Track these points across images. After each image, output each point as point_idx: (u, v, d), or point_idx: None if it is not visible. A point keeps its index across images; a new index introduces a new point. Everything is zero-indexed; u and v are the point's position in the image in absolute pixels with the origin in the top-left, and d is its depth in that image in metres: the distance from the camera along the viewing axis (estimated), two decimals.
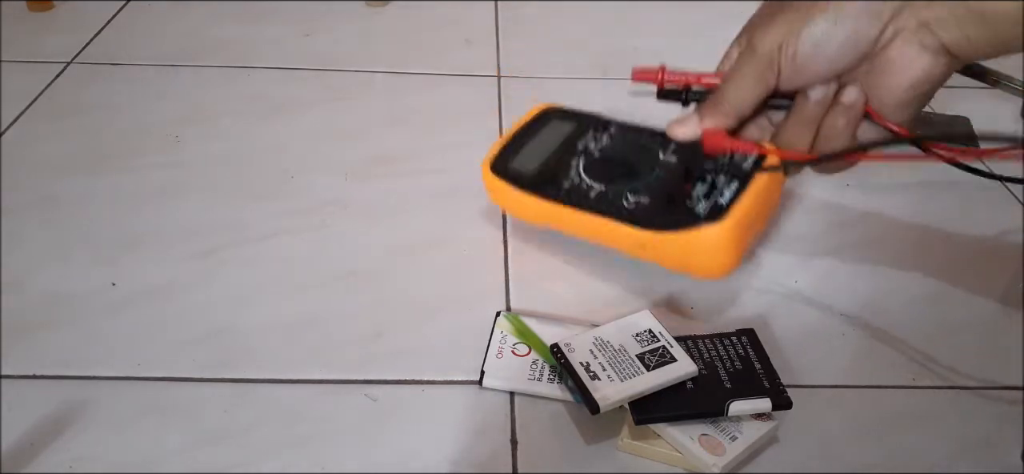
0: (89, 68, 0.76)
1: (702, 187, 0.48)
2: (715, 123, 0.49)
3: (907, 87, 0.44)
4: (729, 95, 0.48)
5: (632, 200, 0.49)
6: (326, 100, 0.73)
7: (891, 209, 0.62)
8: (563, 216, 0.51)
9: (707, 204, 0.47)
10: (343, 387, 0.46)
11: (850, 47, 0.44)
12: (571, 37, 0.86)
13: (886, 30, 0.43)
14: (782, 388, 0.43)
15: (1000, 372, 0.48)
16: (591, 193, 0.51)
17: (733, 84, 0.48)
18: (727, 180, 0.48)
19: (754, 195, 0.47)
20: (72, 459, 0.41)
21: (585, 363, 0.43)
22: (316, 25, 0.85)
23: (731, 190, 0.47)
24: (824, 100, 0.46)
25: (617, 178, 0.51)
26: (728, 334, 0.47)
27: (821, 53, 0.44)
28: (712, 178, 0.49)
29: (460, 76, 0.78)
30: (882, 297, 0.53)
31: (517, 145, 0.56)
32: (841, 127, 0.46)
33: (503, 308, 0.51)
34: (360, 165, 0.64)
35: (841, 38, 0.44)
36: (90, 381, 0.45)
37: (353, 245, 0.56)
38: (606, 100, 0.75)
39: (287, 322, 0.50)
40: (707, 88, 0.51)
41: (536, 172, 0.53)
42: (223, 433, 0.43)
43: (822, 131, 0.47)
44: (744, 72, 0.47)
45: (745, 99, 0.48)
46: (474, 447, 0.43)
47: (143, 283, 0.52)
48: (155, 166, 0.63)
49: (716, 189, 0.48)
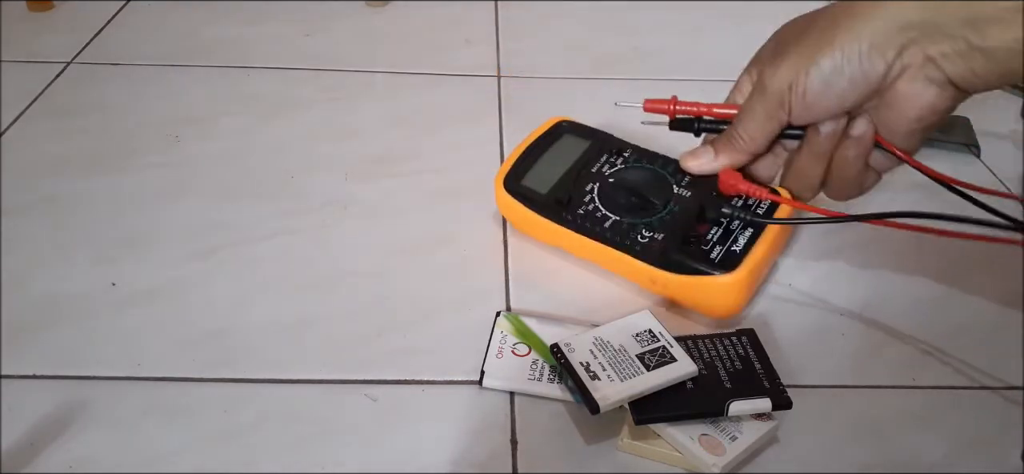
0: (89, 68, 0.76)
1: (716, 231, 0.50)
2: (730, 160, 0.51)
3: (914, 119, 0.45)
4: (742, 133, 0.50)
5: (647, 235, 0.51)
6: (326, 100, 0.73)
7: (890, 209, 0.62)
8: (575, 242, 0.53)
9: (721, 250, 0.48)
10: (343, 387, 0.46)
11: (859, 84, 0.45)
12: (571, 37, 0.86)
13: (893, 66, 0.44)
14: (782, 388, 0.43)
15: (1000, 372, 0.48)
16: (606, 223, 0.52)
17: (745, 122, 0.49)
18: (741, 226, 0.50)
19: (767, 244, 0.49)
20: (72, 459, 0.41)
21: (585, 363, 0.43)
22: (316, 25, 0.85)
23: (745, 237, 0.49)
24: (834, 134, 0.48)
25: (632, 209, 0.52)
26: (728, 334, 0.47)
27: (830, 91, 0.45)
28: (726, 223, 0.50)
29: (460, 76, 0.78)
30: (882, 297, 0.53)
31: (530, 160, 0.57)
32: (852, 158, 0.48)
33: (503, 308, 0.51)
34: (360, 165, 0.64)
35: (849, 75, 0.45)
36: (90, 381, 0.45)
37: (353, 245, 0.56)
38: (606, 100, 0.75)
39: (287, 322, 0.50)
40: (718, 119, 0.52)
41: (549, 194, 0.54)
42: (223, 433, 0.43)
43: (834, 162, 0.49)
44: (756, 111, 0.48)
45: (757, 137, 0.49)
46: (474, 447, 0.43)
47: (143, 283, 0.52)
48: (155, 166, 0.63)
49: (731, 235, 0.49)
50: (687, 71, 0.79)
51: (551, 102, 0.74)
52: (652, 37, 0.86)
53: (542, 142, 0.58)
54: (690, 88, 0.76)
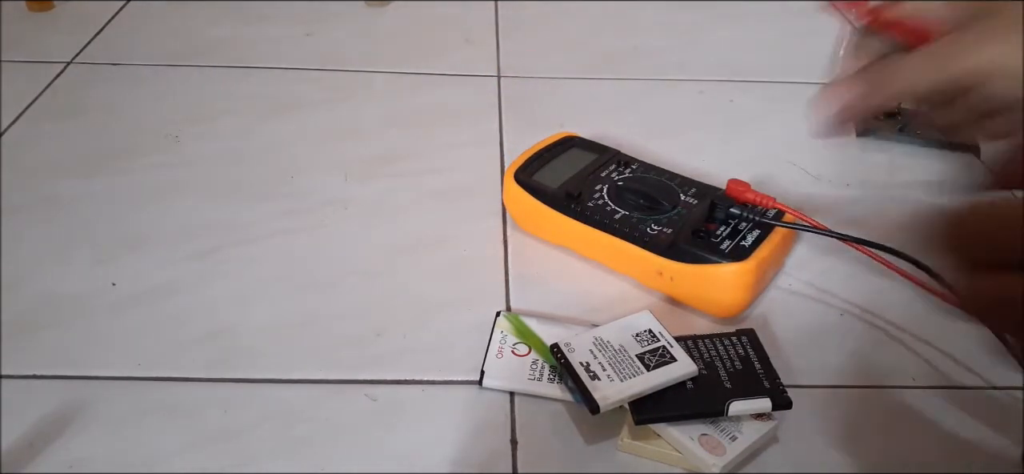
0: (89, 68, 0.76)
1: (725, 229, 0.51)
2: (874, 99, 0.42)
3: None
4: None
5: (655, 228, 0.52)
6: (326, 100, 0.73)
7: (891, 209, 0.62)
8: (582, 236, 0.53)
9: (730, 244, 0.50)
10: (343, 387, 0.46)
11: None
12: (571, 37, 0.86)
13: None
14: (782, 388, 0.43)
15: (1000, 372, 0.48)
16: (615, 216, 0.53)
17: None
18: (749, 227, 0.51)
19: (773, 245, 0.51)
20: (72, 459, 0.41)
21: (585, 363, 0.43)
22: (316, 25, 0.85)
23: (753, 236, 0.50)
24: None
25: (640, 209, 0.54)
26: (728, 334, 0.47)
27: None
28: (734, 223, 0.51)
29: (460, 76, 0.78)
30: (882, 297, 0.53)
31: (540, 162, 0.58)
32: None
33: (503, 308, 0.51)
34: (360, 165, 0.64)
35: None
36: (90, 381, 0.45)
37: (353, 245, 0.56)
38: (606, 100, 0.75)
39: (287, 322, 0.50)
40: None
41: (560, 188, 0.55)
42: (223, 433, 0.43)
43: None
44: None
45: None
46: (474, 447, 0.43)
47: (143, 283, 0.52)
48: (155, 166, 0.63)
49: (739, 233, 0.51)
50: (687, 71, 0.79)
51: (551, 102, 0.74)
52: (652, 37, 0.86)
53: (552, 150, 0.60)
54: (690, 88, 0.77)
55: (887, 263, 0.50)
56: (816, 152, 0.67)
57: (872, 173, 0.66)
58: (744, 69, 0.80)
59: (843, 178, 0.65)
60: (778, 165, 0.66)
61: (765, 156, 0.67)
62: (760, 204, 0.51)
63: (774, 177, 0.64)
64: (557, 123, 0.65)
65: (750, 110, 0.74)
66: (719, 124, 0.72)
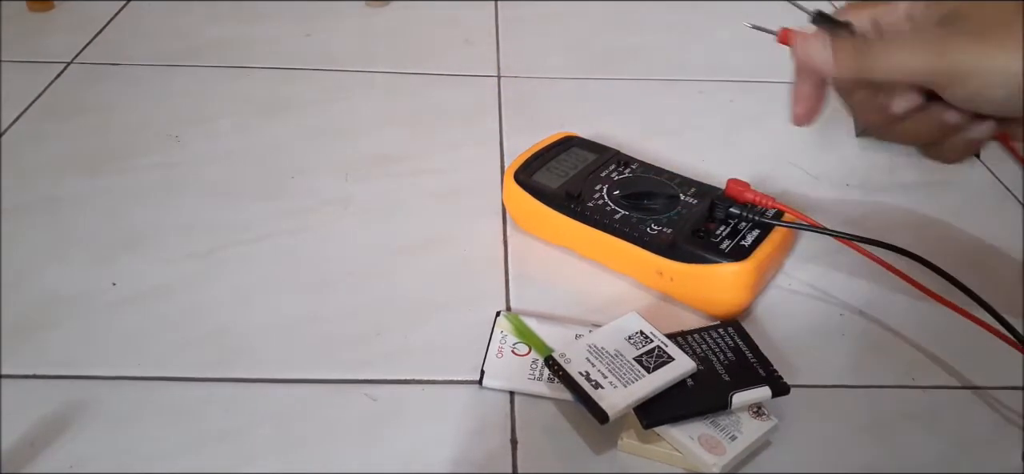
0: (89, 68, 0.76)
1: (725, 229, 0.51)
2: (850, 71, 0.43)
3: None
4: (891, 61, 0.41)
5: (656, 228, 0.52)
6: (326, 100, 0.73)
7: (891, 209, 0.62)
8: (582, 236, 0.53)
9: (730, 243, 0.50)
10: (343, 387, 0.46)
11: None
12: (571, 37, 0.86)
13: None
14: (777, 375, 0.44)
15: (1000, 372, 0.48)
16: (615, 215, 0.53)
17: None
18: (749, 226, 0.51)
19: (774, 244, 0.51)
20: (72, 459, 0.41)
21: (584, 372, 0.43)
22: (316, 25, 0.85)
23: (753, 236, 0.50)
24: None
25: (640, 208, 0.54)
26: (715, 327, 0.47)
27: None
28: (734, 223, 0.51)
29: (460, 76, 0.78)
30: (882, 297, 0.53)
31: (540, 162, 0.58)
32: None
33: (503, 308, 0.51)
34: (360, 165, 0.64)
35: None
36: (90, 381, 0.45)
37: (353, 245, 0.56)
38: (606, 100, 0.75)
39: (287, 322, 0.50)
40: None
41: (560, 188, 0.55)
42: (223, 433, 0.43)
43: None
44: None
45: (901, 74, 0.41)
46: (474, 447, 0.43)
47: (143, 283, 0.52)
48: (155, 166, 0.63)
49: (739, 233, 0.51)
50: (687, 71, 0.79)
51: (551, 102, 0.74)
52: (652, 37, 0.86)
53: (551, 150, 0.60)
54: (690, 88, 0.77)
55: (887, 263, 0.50)
56: (816, 152, 0.67)
57: (872, 173, 0.66)
58: (744, 69, 0.80)
59: (843, 178, 0.65)
60: (778, 165, 0.66)
61: (765, 156, 0.67)
62: (760, 204, 0.51)
63: (774, 177, 0.64)
64: (557, 123, 0.65)
65: (750, 110, 0.74)
66: (719, 124, 0.72)
